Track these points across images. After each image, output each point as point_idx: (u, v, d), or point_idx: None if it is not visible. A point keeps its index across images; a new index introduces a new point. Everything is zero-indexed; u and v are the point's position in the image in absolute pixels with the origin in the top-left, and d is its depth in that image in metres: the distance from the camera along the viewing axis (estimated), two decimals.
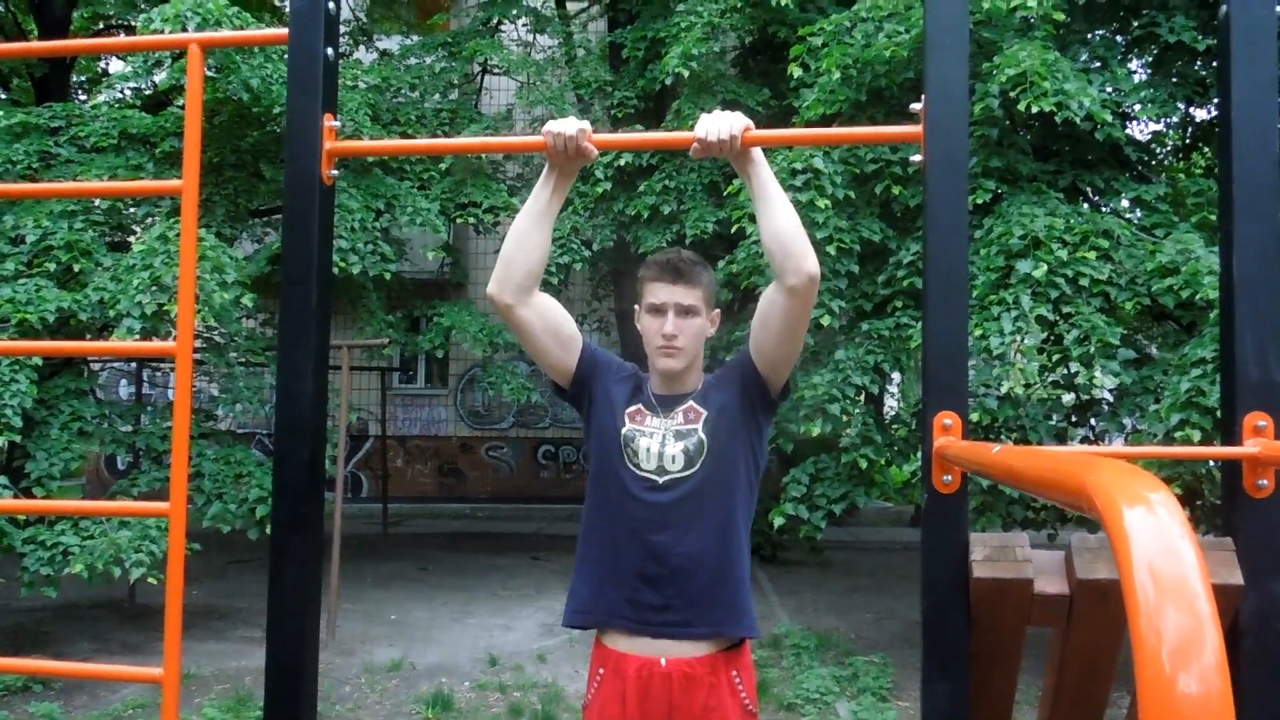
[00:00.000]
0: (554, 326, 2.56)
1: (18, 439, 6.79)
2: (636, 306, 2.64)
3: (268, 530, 7.31)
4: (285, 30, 2.43)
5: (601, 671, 2.51)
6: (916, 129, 2.19)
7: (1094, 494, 0.82)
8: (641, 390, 2.62)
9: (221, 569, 10.67)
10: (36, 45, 7.45)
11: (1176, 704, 0.66)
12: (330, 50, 2.39)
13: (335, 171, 2.37)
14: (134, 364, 12.08)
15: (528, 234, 2.45)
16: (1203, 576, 0.71)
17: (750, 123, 2.25)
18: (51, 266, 7.30)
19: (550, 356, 2.59)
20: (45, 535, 6.69)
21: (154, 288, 6.82)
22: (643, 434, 2.52)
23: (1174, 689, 0.66)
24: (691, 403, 2.55)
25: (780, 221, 2.31)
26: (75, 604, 8.90)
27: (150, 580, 6.65)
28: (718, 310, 2.70)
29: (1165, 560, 0.72)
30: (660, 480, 2.48)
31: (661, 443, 2.50)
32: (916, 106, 2.19)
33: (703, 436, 2.50)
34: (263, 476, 7.68)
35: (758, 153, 2.32)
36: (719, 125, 2.22)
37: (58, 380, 7.62)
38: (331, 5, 2.41)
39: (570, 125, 2.28)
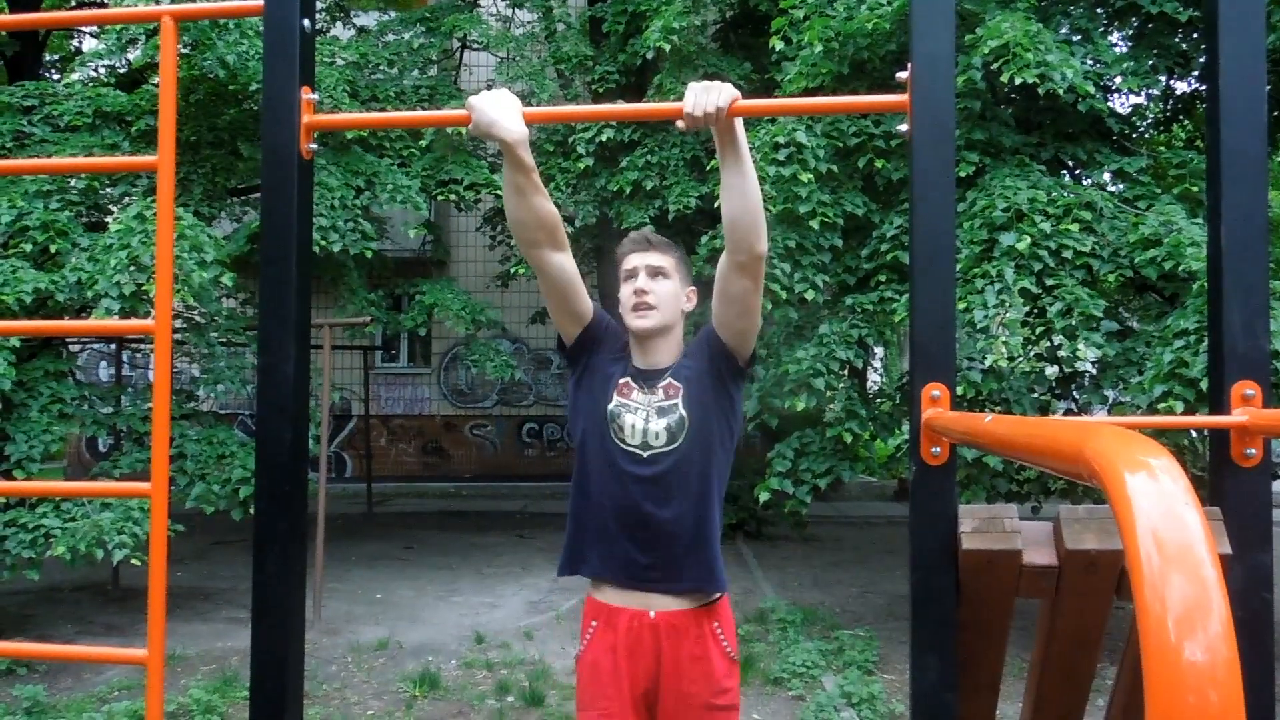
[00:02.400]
0: (562, 290, 2.62)
1: None
2: (620, 296, 2.73)
3: (251, 511, 7.28)
4: (260, 2, 2.39)
5: (594, 624, 2.66)
6: (902, 98, 2.17)
7: (1094, 461, 0.81)
8: (628, 363, 2.70)
9: (205, 550, 10.64)
10: (4, 19, 7.33)
11: (1183, 673, 0.64)
12: (306, 22, 2.35)
13: (314, 146, 2.33)
14: (113, 345, 11.99)
15: (514, 211, 2.50)
16: (1208, 543, 0.70)
17: (738, 94, 2.24)
18: (28, 247, 7.22)
19: (561, 313, 2.69)
20: (27, 518, 6.64)
21: (132, 268, 6.76)
22: (628, 409, 2.62)
23: (1180, 657, 0.65)
24: (670, 379, 2.64)
25: (749, 198, 2.39)
26: (57, 587, 8.86)
27: (133, 562, 6.61)
28: (694, 288, 2.79)
29: (1169, 526, 0.70)
30: (645, 455, 2.59)
31: (645, 420, 2.60)
32: (902, 75, 2.17)
33: (683, 413, 2.59)
34: (245, 457, 7.64)
35: (739, 125, 2.33)
36: (708, 97, 2.20)
37: (36, 362, 7.54)
38: None
39: (485, 102, 2.28)
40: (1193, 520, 0.70)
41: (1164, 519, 0.71)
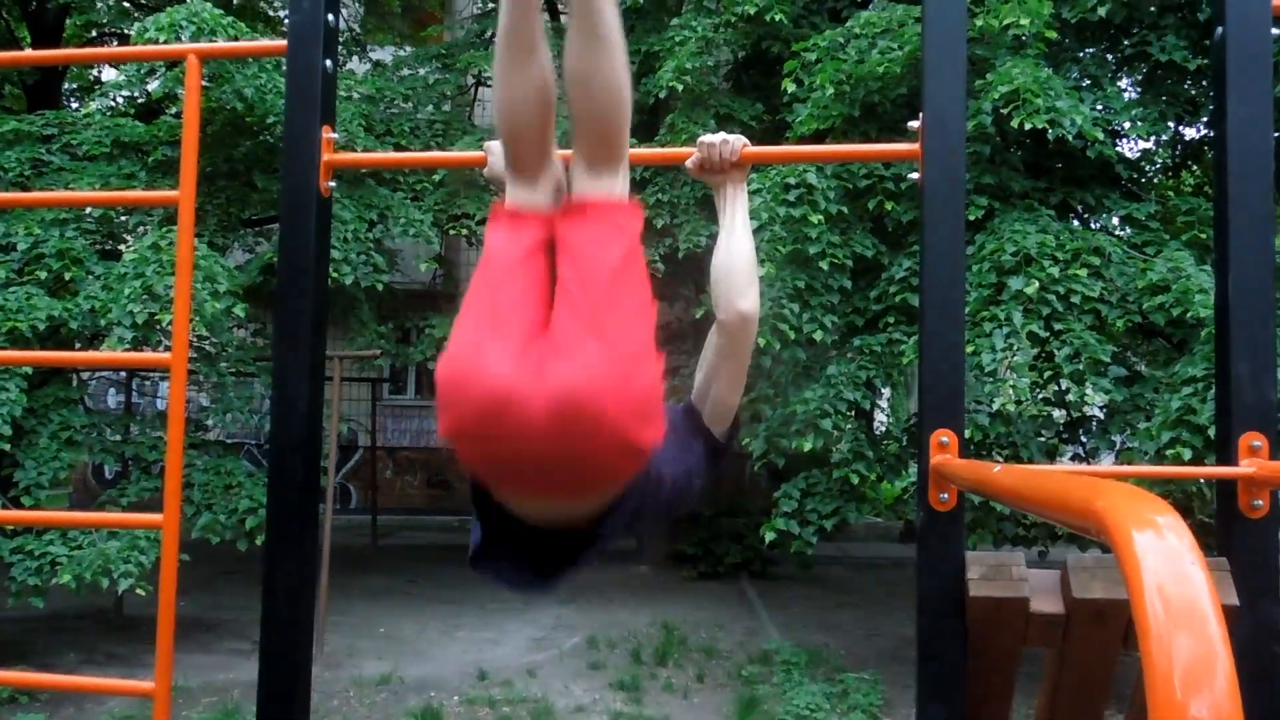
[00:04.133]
0: None
1: (6, 448, 6.75)
2: None
3: (257, 542, 7.29)
4: (284, 42, 2.43)
5: None
6: (914, 147, 2.20)
7: (1103, 517, 0.82)
8: None
9: (209, 580, 10.61)
10: (33, 54, 7.43)
11: None
12: (329, 62, 2.39)
13: (332, 184, 2.37)
14: (123, 373, 12.03)
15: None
16: (1213, 601, 0.71)
17: (746, 141, 2.24)
18: (43, 274, 7.27)
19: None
20: (34, 545, 6.65)
21: (145, 297, 6.80)
22: None
23: (1186, 714, 0.66)
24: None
25: (736, 251, 2.18)
26: (61, 614, 8.84)
27: (139, 591, 6.60)
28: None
29: (1176, 585, 0.72)
30: None
31: None
32: (914, 124, 2.20)
33: None
34: (252, 487, 7.65)
35: (743, 192, 2.26)
36: (718, 149, 2.19)
37: (47, 389, 7.58)
38: (330, 17, 2.41)
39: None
40: (1198, 579, 0.72)
41: (1170, 577, 0.72)
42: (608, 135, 1.90)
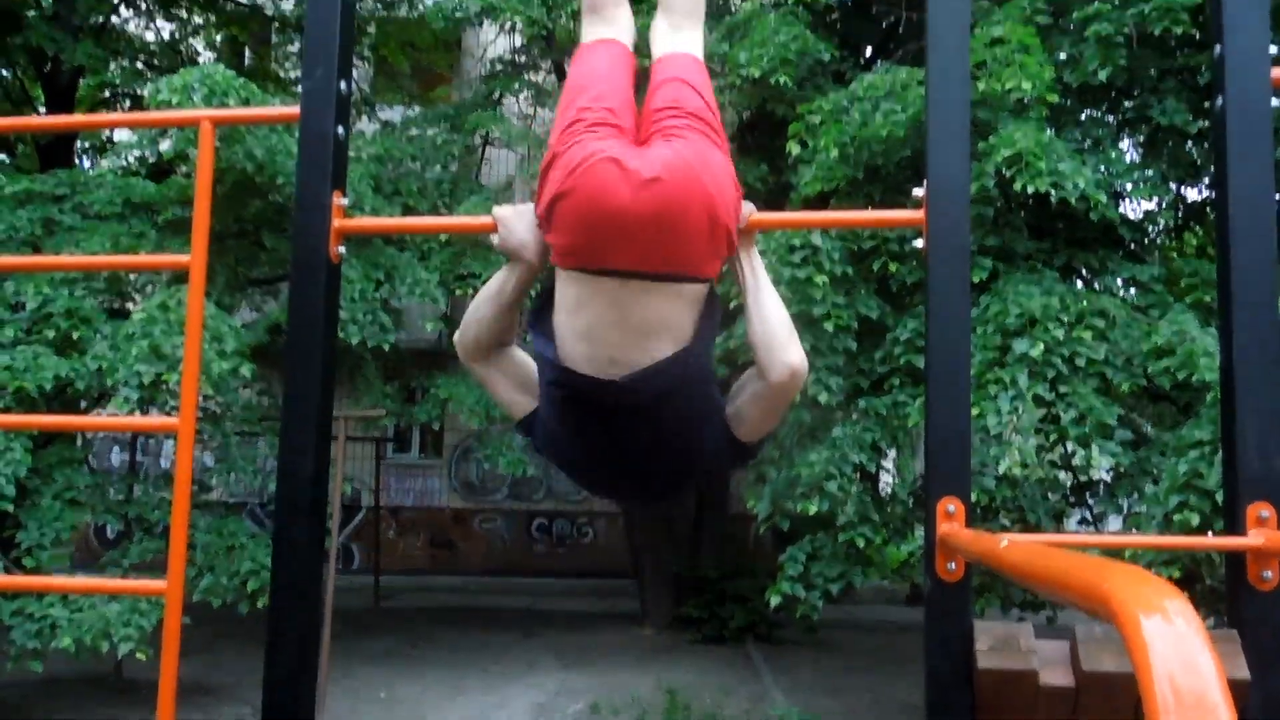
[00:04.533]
0: (509, 388, 2.38)
1: (10, 509, 6.73)
2: None
3: (259, 604, 7.24)
4: (296, 109, 2.46)
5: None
6: (918, 214, 2.22)
7: (1111, 602, 0.82)
8: None
9: (209, 642, 10.53)
10: (48, 120, 7.55)
11: None
12: (341, 129, 2.42)
13: (342, 248, 2.39)
14: (128, 432, 12.03)
15: (484, 320, 2.35)
16: (1223, 690, 0.71)
17: (754, 208, 2.26)
18: (50, 334, 7.30)
19: (509, 408, 2.41)
20: (34, 608, 6.61)
21: (152, 357, 6.82)
22: None
23: None
24: None
25: (769, 316, 2.18)
26: (59, 678, 8.76)
27: (139, 655, 6.55)
28: None
29: (1185, 672, 0.71)
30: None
31: None
32: (919, 192, 2.22)
33: None
34: (255, 549, 7.61)
35: (756, 255, 2.27)
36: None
37: (51, 449, 7.57)
38: (343, 85, 2.44)
39: (520, 222, 2.25)
40: (1207, 667, 0.72)
41: (1179, 665, 0.72)
42: None
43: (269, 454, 9.72)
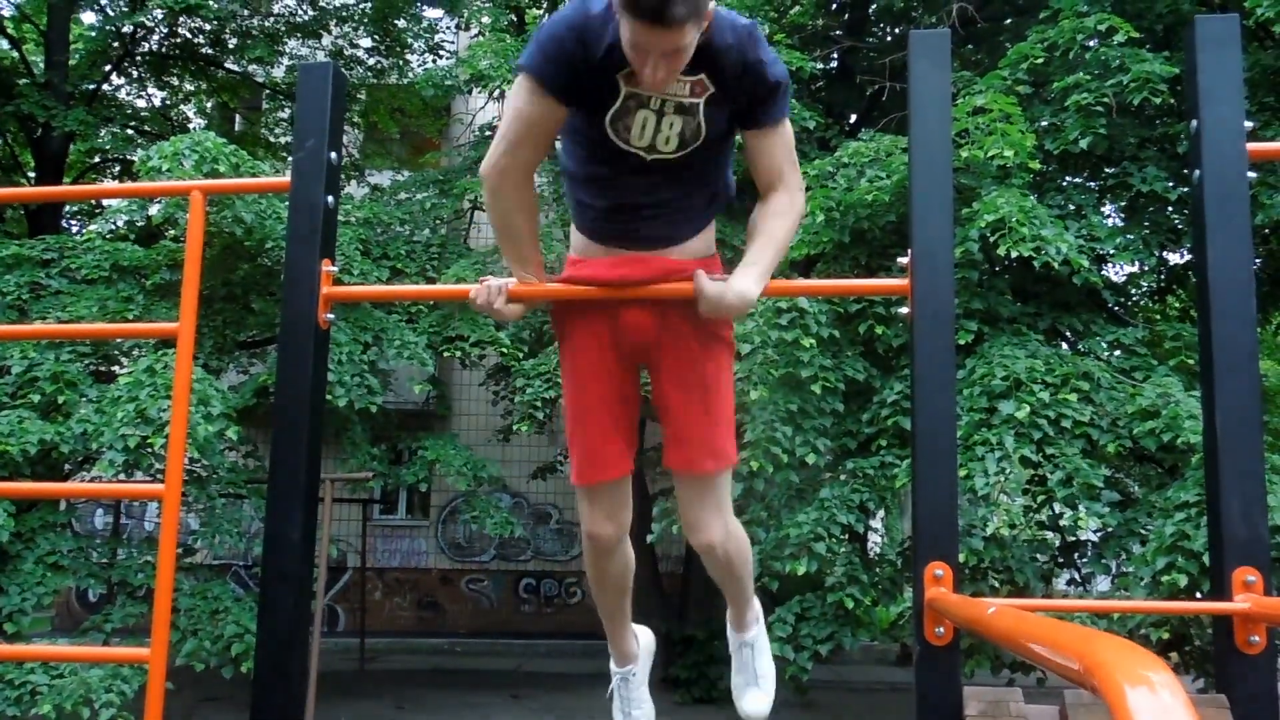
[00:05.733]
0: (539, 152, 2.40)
1: None
2: None
3: (243, 669, 7.16)
4: (287, 178, 2.49)
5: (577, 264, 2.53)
6: (903, 282, 2.25)
7: (1096, 673, 0.83)
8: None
9: (192, 708, 10.37)
10: (39, 191, 7.60)
11: None
12: (330, 198, 2.45)
13: (330, 315, 2.40)
14: None
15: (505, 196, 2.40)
16: None
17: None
18: (36, 398, 7.28)
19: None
20: (13, 674, 6.52)
21: (138, 420, 6.80)
22: (640, 104, 2.29)
23: None
24: (702, 77, 2.29)
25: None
26: None
27: None
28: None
29: None
30: (648, 159, 2.33)
31: (658, 115, 2.30)
32: (903, 260, 2.25)
33: (701, 120, 2.29)
34: (239, 612, 7.53)
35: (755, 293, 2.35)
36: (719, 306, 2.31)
37: (35, 513, 7.51)
38: (332, 155, 2.48)
39: (490, 288, 2.38)
40: None
41: None
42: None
43: (254, 516, 9.66)
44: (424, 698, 11.56)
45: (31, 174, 13.31)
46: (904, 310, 2.26)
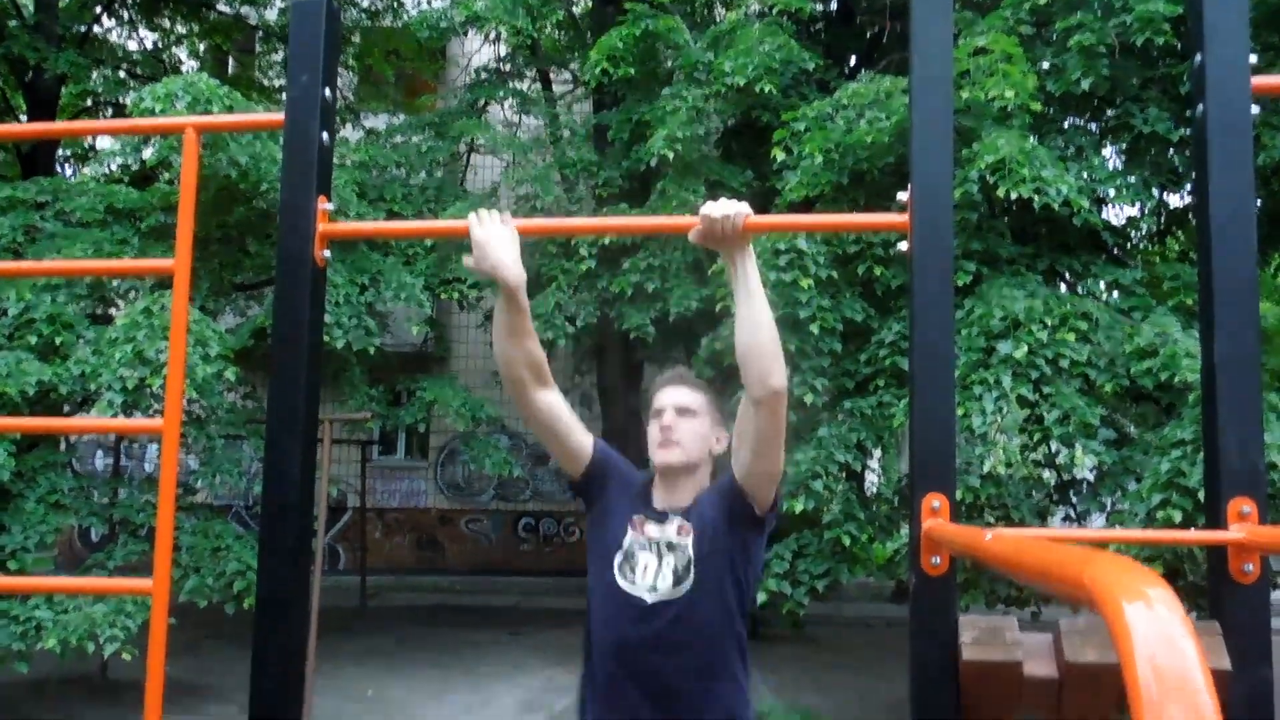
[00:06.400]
0: (559, 431, 2.59)
1: None
2: (648, 433, 2.68)
3: (245, 605, 7.23)
4: (281, 115, 2.47)
5: None
6: (902, 218, 2.24)
7: (1094, 589, 0.84)
8: (648, 499, 2.61)
9: (195, 643, 10.49)
10: (31, 127, 7.53)
11: None
12: (325, 135, 2.43)
13: (327, 253, 2.39)
14: (112, 436, 11.97)
15: (504, 350, 2.50)
16: (1204, 672, 0.72)
17: (750, 210, 2.30)
18: (33, 339, 7.27)
19: (557, 453, 2.66)
20: (18, 610, 6.58)
21: (136, 361, 6.80)
22: (641, 546, 2.51)
23: None
24: (683, 520, 2.52)
25: (761, 328, 2.32)
26: (45, 679, 8.72)
27: (125, 655, 6.53)
28: (725, 432, 2.67)
29: (1167, 656, 0.73)
30: (649, 601, 2.46)
31: (658, 556, 2.48)
32: (903, 196, 2.24)
33: (690, 555, 2.47)
34: (241, 550, 7.60)
35: (751, 256, 2.35)
36: (722, 209, 2.28)
37: (35, 453, 7.54)
38: (327, 92, 2.45)
39: (496, 243, 2.41)
40: (1190, 650, 0.73)
41: (1162, 648, 0.73)
42: None
43: (254, 457, 9.70)
44: (424, 635, 11.70)
45: (23, 117, 13.19)
46: (903, 246, 2.25)
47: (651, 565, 2.48)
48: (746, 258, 2.33)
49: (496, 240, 2.36)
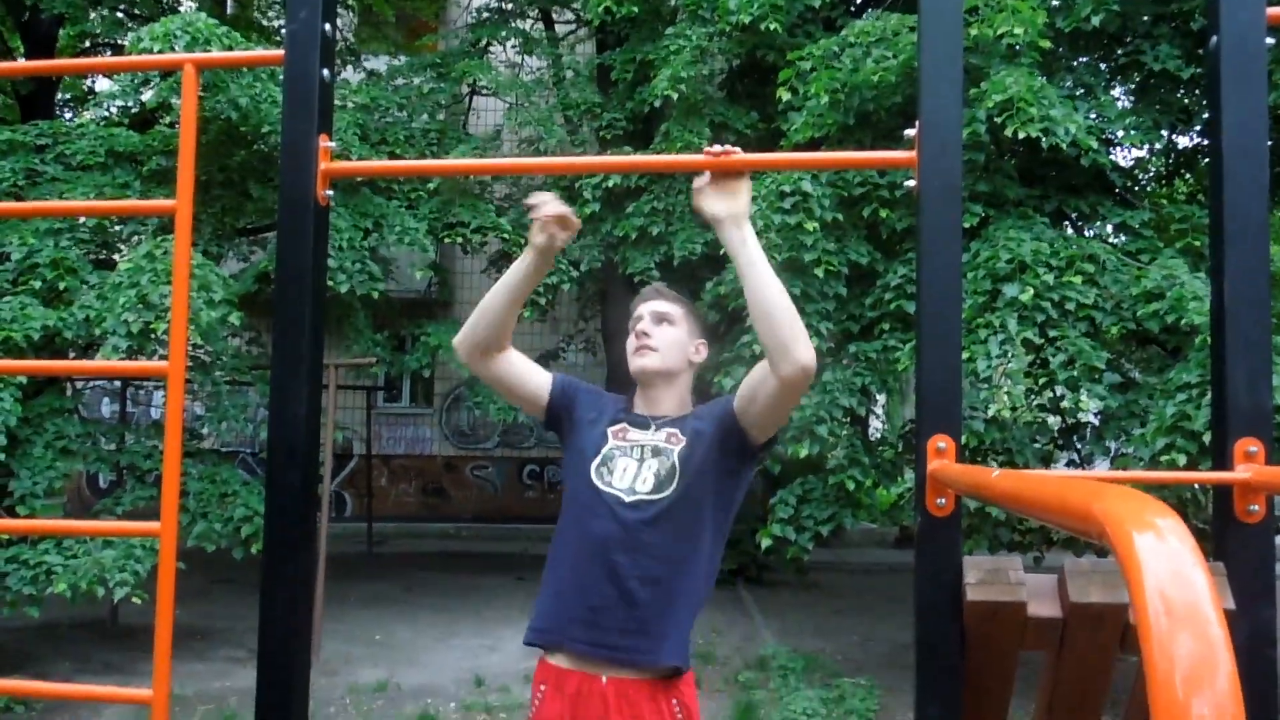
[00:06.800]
0: (516, 384, 2.64)
1: (1, 458, 6.74)
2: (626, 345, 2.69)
3: (253, 550, 7.29)
4: (280, 51, 2.43)
5: (543, 688, 2.48)
6: (910, 154, 2.21)
7: (1103, 520, 0.83)
8: (627, 410, 2.61)
9: (204, 588, 10.59)
10: (28, 65, 7.46)
11: None
12: (326, 71, 2.39)
13: (330, 192, 2.37)
14: (118, 382, 12.00)
15: (497, 309, 2.53)
16: (1214, 603, 0.72)
17: (739, 150, 2.33)
18: (37, 284, 7.26)
19: (519, 404, 2.71)
20: (28, 554, 6.63)
21: (140, 306, 6.80)
22: (623, 451, 2.49)
23: (1188, 713, 0.66)
24: (673, 428, 2.50)
25: (773, 300, 2.27)
26: (56, 623, 8.82)
27: (134, 600, 6.59)
28: (703, 341, 2.68)
29: (1177, 586, 0.72)
30: (627, 500, 2.42)
31: (639, 460, 2.46)
32: (910, 132, 2.21)
33: (675, 462, 2.44)
34: (248, 495, 7.64)
35: (748, 228, 2.34)
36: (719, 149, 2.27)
37: (41, 399, 7.56)
38: (327, 27, 2.41)
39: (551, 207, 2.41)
40: (1199, 580, 0.72)
41: (1171, 579, 0.73)
42: None
43: (260, 403, 9.73)
44: (431, 580, 11.81)
45: (21, 59, 13.06)
46: (910, 183, 2.23)
47: (631, 469, 2.45)
48: (746, 232, 2.33)
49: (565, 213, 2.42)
